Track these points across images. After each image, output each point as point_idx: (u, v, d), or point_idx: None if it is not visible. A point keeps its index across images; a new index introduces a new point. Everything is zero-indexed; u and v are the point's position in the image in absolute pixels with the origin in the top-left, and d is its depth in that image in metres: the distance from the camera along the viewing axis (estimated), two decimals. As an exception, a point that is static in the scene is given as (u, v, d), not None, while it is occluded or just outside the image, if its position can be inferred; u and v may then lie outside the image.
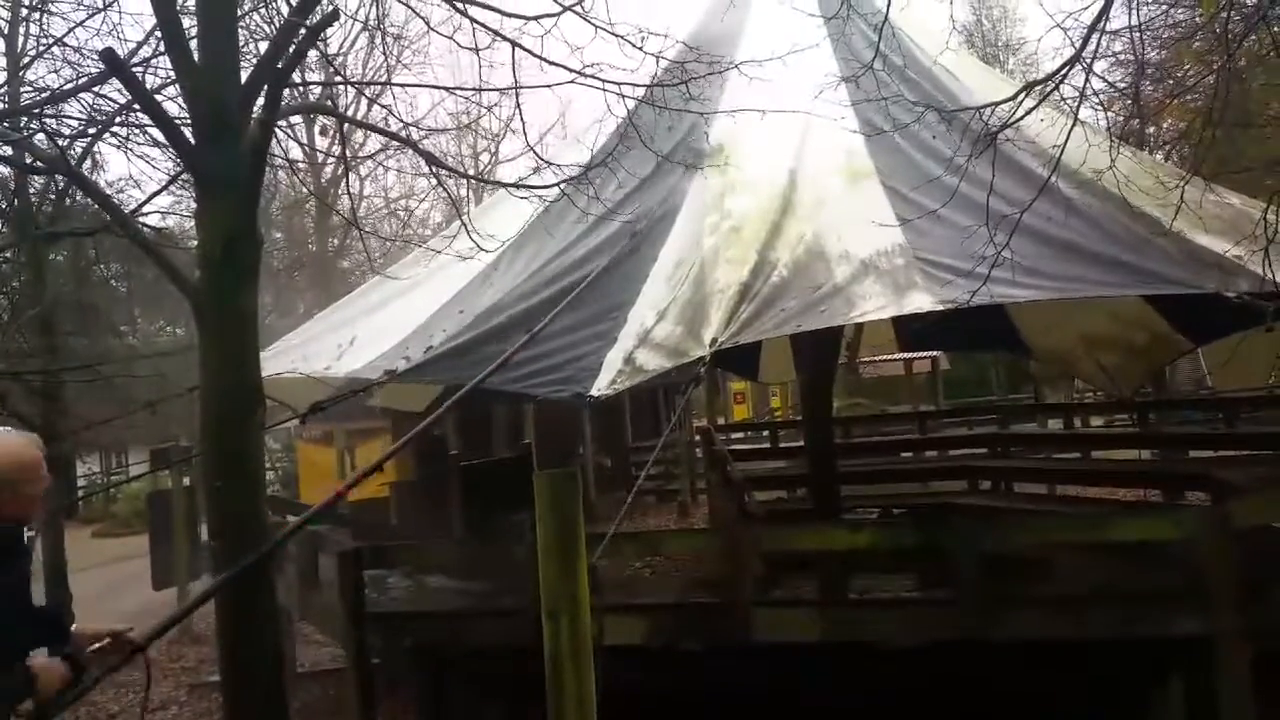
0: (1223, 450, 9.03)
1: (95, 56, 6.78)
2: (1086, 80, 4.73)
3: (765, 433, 15.06)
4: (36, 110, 6.52)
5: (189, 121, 4.42)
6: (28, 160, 6.92)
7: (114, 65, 4.16)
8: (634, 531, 8.26)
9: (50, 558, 9.37)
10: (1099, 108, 7.94)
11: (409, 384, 6.94)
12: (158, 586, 10.31)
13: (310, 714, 7.51)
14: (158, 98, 4.87)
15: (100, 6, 6.41)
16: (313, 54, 5.14)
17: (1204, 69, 8.56)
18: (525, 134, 5.40)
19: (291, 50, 4.31)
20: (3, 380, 8.47)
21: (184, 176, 6.66)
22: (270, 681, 4.35)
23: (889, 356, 17.27)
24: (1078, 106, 4.79)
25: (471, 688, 6.07)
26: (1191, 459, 9.14)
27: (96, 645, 2.67)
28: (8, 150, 6.47)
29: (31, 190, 9.90)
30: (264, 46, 5.13)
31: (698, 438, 13.63)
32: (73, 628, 2.74)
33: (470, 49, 4.96)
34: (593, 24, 4.68)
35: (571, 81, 4.80)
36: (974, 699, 5.08)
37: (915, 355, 19.00)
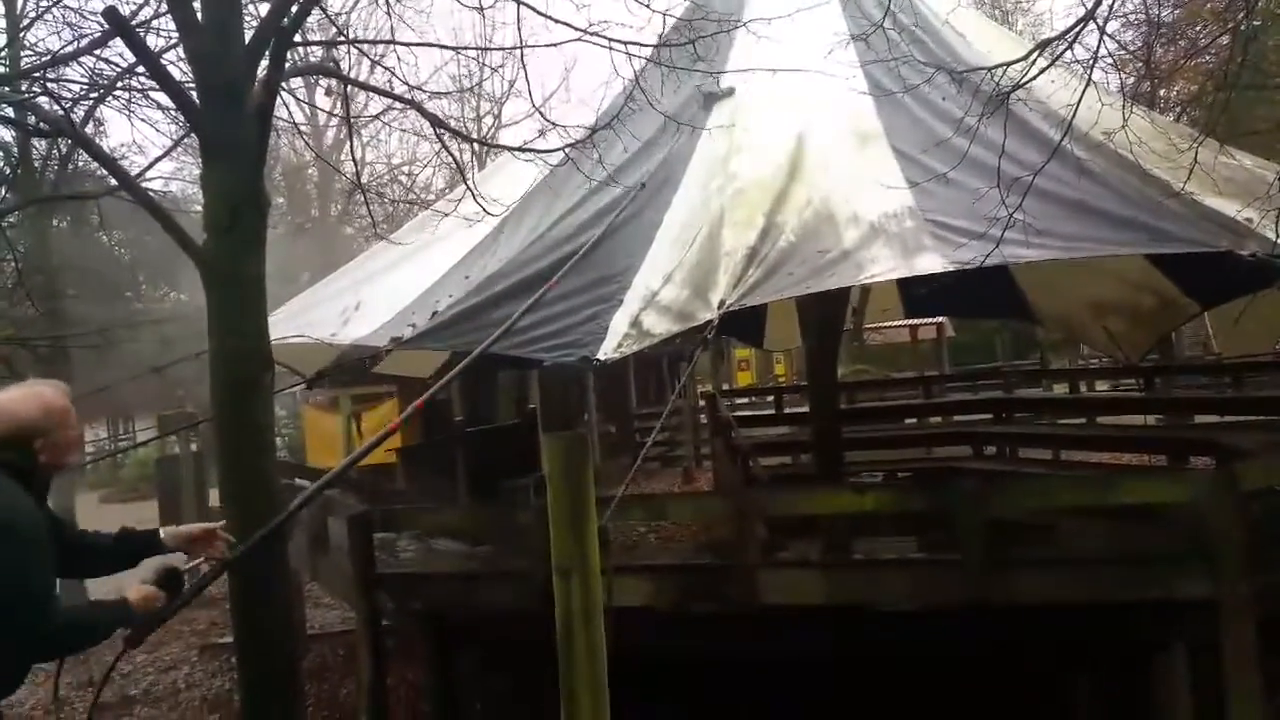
0: (1229, 415, 9.01)
1: (96, 18, 6.71)
2: (1100, 40, 4.66)
3: (770, 398, 15.04)
4: (38, 74, 6.45)
5: (193, 85, 4.37)
6: (32, 123, 6.86)
7: (117, 24, 4.10)
8: (640, 494, 8.29)
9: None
10: (1111, 68, 7.84)
11: (414, 350, 6.92)
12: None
13: (321, 675, 7.61)
14: (161, 60, 4.81)
15: (98, -34, 6.32)
16: (315, 14, 5.08)
17: (1218, 28, 8.43)
18: (530, 95, 5.35)
19: (295, 9, 4.25)
20: (9, 345, 8.48)
21: (187, 141, 6.61)
22: (282, 642, 4.39)
23: (895, 323, 17.21)
24: (1091, 66, 4.71)
25: (480, 649, 6.13)
26: (1197, 424, 9.12)
27: (192, 563, 2.90)
28: (10, 113, 6.41)
29: (34, 156, 9.84)
30: (265, 9, 5.05)
31: (702, 404, 13.63)
32: (162, 533, 2.93)
33: (474, 8, 4.90)
34: (599, -20, 4.62)
35: (578, 39, 4.74)
36: (976, 662, 5.12)
37: (921, 321, 18.92)
